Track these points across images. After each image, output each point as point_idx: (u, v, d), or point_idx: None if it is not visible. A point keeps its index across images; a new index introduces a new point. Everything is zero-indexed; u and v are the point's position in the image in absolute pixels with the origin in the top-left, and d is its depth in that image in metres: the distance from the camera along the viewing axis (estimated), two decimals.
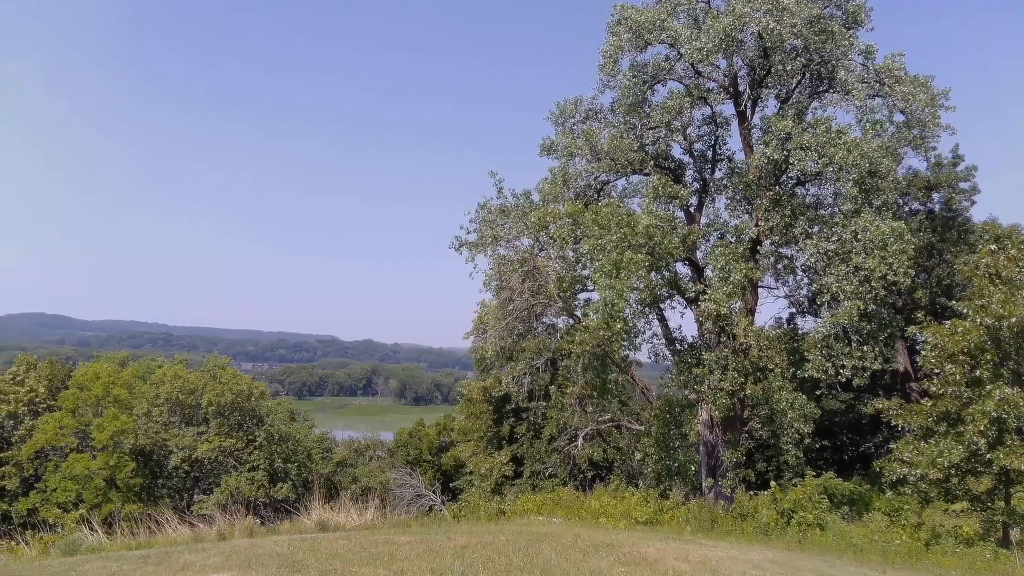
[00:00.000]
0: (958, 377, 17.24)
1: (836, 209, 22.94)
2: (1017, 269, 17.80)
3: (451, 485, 47.99)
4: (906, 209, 34.15)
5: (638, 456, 27.57)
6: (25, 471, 42.38)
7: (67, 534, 16.90)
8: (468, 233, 26.57)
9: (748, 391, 22.15)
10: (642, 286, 22.09)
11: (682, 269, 25.39)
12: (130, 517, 27.80)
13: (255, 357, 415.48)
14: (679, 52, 24.02)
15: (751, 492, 21.76)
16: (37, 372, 48.01)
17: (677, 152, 26.82)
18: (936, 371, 17.92)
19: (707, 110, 26.04)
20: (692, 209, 25.91)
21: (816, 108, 24.34)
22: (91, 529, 16.35)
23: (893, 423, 19.22)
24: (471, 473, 43.58)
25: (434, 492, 38.85)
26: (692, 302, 23.94)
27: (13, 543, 16.66)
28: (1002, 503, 17.24)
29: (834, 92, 23.84)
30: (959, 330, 17.46)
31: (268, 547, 12.77)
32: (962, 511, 19.37)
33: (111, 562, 11.75)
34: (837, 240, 20.99)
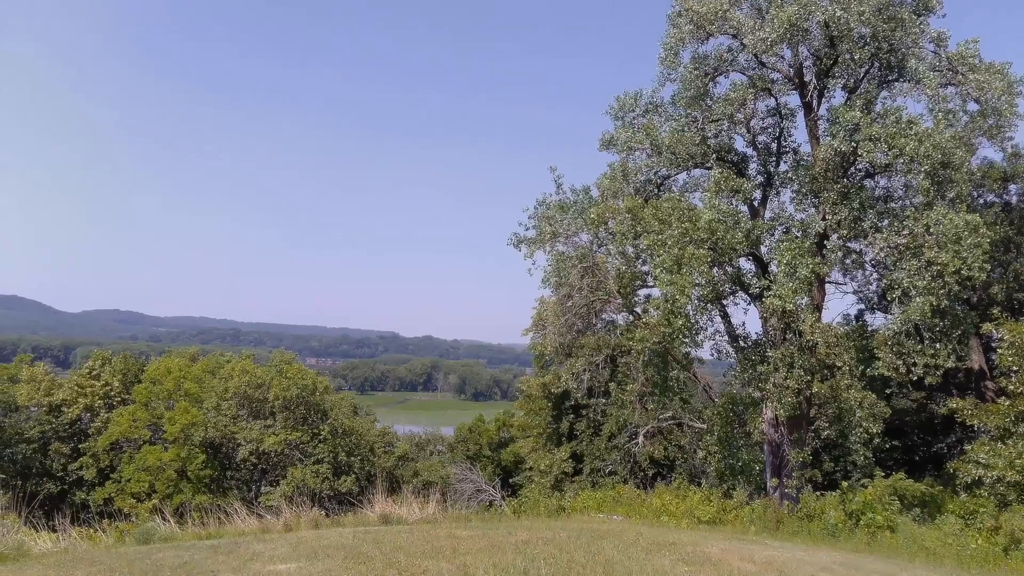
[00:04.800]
0: None
1: (907, 202, 22.23)
2: None
3: (511, 481, 48.18)
4: (981, 201, 32.83)
5: (700, 454, 27.24)
6: (101, 462, 44.11)
7: (141, 523, 17.44)
8: (527, 229, 26.62)
9: (815, 389, 21.64)
10: (704, 282, 21.75)
11: (745, 264, 24.94)
12: (200, 507, 28.67)
13: (319, 352, 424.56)
14: (742, 43, 23.57)
15: (818, 493, 21.24)
16: (112, 367, 49.86)
17: (740, 145, 26.32)
18: (1013, 369, 17.26)
19: (771, 101, 25.52)
20: (756, 203, 25.38)
21: (885, 98, 23.57)
22: (163, 519, 16.80)
23: (968, 423, 18.61)
24: (531, 469, 43.66)
25: (494, 487, 39.01)
26: (756, 298, 23.48)
27: (91, 531, 17.25)
28: None
29: (904, 81, 23.05)
30: None
31: (333, 539, 12.98)
32: None
33: (183, 551, 12.09)
34: (908, 234, 20.33)
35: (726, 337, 25.19)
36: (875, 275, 25.32)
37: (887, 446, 24.53)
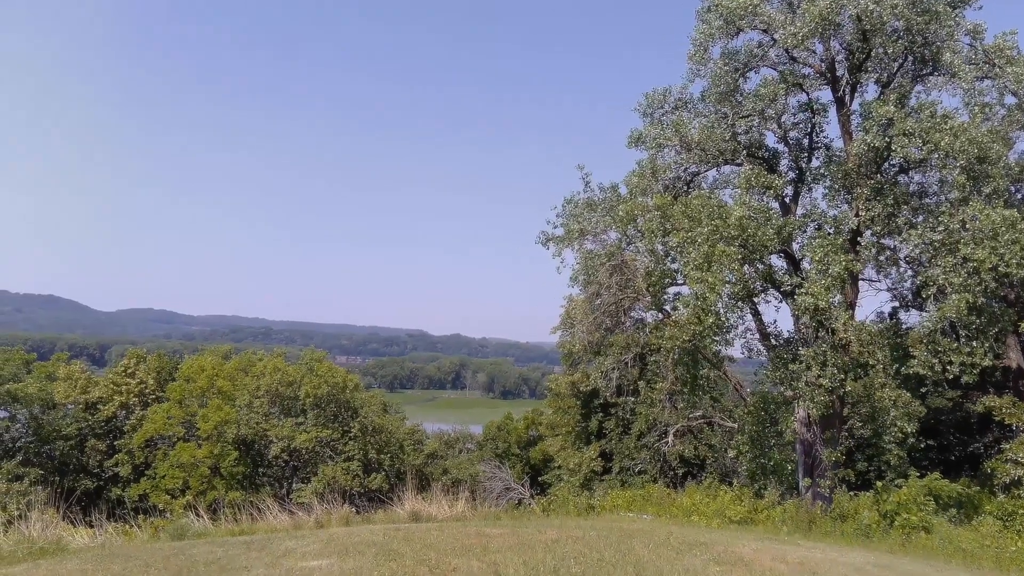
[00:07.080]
0: None
1: (942, 198, 21.85)
2: None
3: (539, 479, 48.18)
4: (1018, 196, 32.16)
5: (731, 454, 26.97)
6: (136, 459, 44.83)
7: (175, 519, 17.69)
8: (555, 227, 26.56)
9: (848, 388, 21.34)
10: (735, 279, 21.53)
11: (777, 262, 24.63)
12: (233, 504, 28.97)
13: (349, 350, 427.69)
14: (773, 38, 23.31)
15: (851, 493, 20.97)
16: (146, 365, 50.64)
17: (771, 141, 26.00)
18: None
19: (803, 97, 25.19)
20: (787, 199, 25.09)
21: (920, 92, 23.20)
22: (197, 515, 17.03)
23: (1005, 422, 18.26)
24: (559, 468, 43.64)
25: (523, 486, 39.01)
26: (788, 296, 23.20)
27: (127, 526, 17.54)
28: None
29: (939, 75, 22.68)
30: None
31: (364, 536, 13.08)
32: None
33: (217, 547, 12.26)
34: (943, 230, 19.97)
35: (757, 335, 24.94)
36: (910, 272, 24.90)
37: (922, 445, 24.19)
